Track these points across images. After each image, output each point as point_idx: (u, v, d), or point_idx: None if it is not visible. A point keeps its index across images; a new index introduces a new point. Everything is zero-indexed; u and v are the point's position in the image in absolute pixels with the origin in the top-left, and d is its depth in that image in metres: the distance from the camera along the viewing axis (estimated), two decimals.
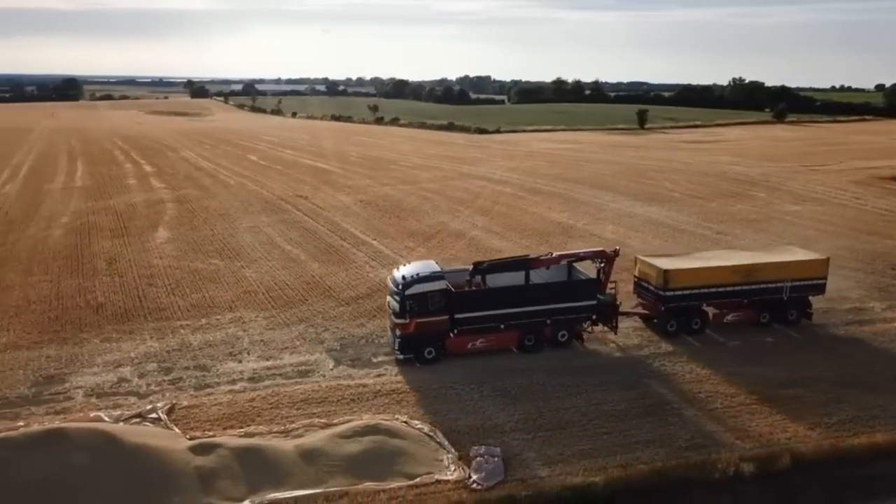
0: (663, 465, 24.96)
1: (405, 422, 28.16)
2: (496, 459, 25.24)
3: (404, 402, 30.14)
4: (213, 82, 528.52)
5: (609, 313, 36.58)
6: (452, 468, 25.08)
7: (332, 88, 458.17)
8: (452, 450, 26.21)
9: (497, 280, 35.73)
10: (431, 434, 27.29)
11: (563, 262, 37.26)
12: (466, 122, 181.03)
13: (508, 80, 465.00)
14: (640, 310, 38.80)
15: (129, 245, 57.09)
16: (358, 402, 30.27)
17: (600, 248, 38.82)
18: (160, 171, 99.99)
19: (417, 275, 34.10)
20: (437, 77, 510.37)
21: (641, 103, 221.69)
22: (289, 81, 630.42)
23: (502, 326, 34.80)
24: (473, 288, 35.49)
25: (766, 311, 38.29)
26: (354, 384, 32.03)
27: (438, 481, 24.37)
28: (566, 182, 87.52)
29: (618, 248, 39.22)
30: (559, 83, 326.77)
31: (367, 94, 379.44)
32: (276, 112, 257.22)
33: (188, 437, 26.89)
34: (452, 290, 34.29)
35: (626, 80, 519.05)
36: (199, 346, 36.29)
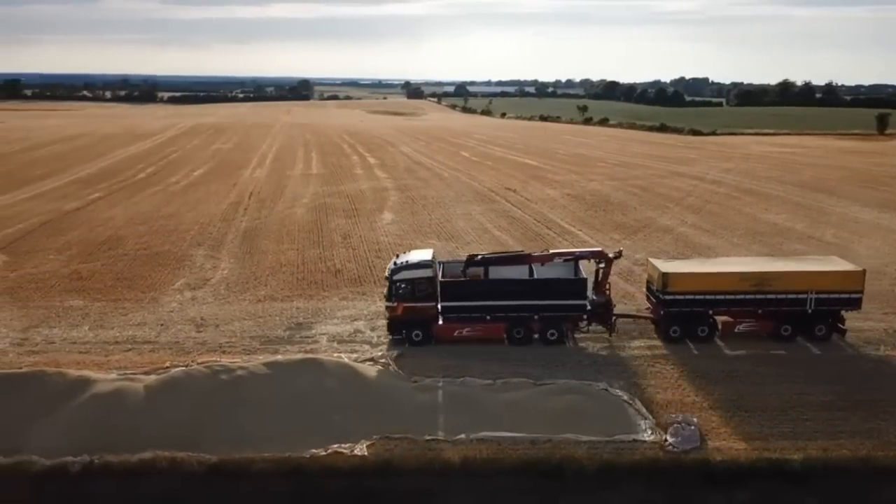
0: (868, 453, 24.76)
1: (605, 389, 30.13)
2: (693, 428, 26.52)
3: (604, 373, 32.05)
4: (427, 84, 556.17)
5: (603, 314, 35.76)
6: (649, 432, 26.74)
7: (542, 90, 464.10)
8: (650, 417, 27.82)
9: (500, 273, 36.06)
10: (630, 402, 29.04)
11: (559, 259, 36.61)
12: (679, 123, 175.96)
13: (728, 82, 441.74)
14: (645, 313, 37.62)
15: (360, 224, 64.01)
16: (562, 367, 32.71)
17: (599, 248, 38.05)
18: (383, 164, 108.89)
19: (407, 262, 35.93)
20: (650, 79, 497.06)
21: (884, 107, 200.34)
22: (499, 83, 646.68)
23: (488, 318, 35.19)
24: (466, 279, 35.99)
25: (789, 323, 35.26)
26: (557, 352, 34.55)
27: (635, 440, 26.20)
28: (785, 185, 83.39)
29: (621, 249, 38.24)
30: (785, 85, 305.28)
31: (575, 96, 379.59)
32: (486, 112, 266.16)
33: (413, 379, 30.99)
34: (439, 278, 35.45)
35: (866, 82, 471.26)
36: None
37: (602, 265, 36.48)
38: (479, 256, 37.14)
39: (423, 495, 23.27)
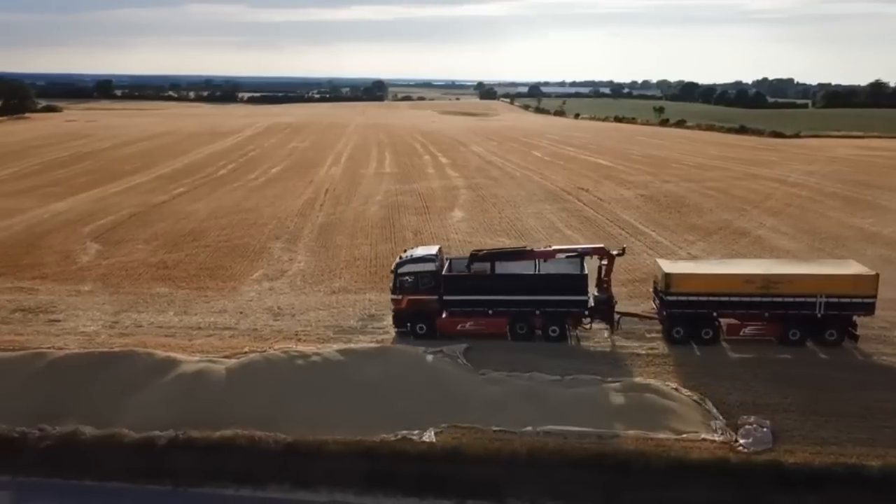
0: None
1: (675, 388, 29.84)
2: (765, 430, 26.01)
3: (675, 373, 31.75)
4: (500, 84, 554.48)
5: (605, 311, 35.52)
6: (719, 431, 26.37)
7: (617, 91, 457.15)
8: (720, 417, 27.43)
9: (506, 269, 36.23)
10: (700, 402, 28.68)
11: (560, 256, 36.67)
12: (760, 125, 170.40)
13: (814, 83, 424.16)
14: (649, 312, 37.02)
15: (430, 221, 64.93)
16: (631, 366, 32.63)
17: (600, 245, 37.86)
18: (454, 163, 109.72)
19: (411, 256, 36.74)
20: (731, 80, 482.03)
21: None
22: (573, 84, 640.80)
23: (490, 312, 35.43)
24: (468, 274, 36.36)
25: (797, 327, 34.06)
26: (627, 353, 34.42)
27: (704, 439, 25.91)
28: (873, 189, 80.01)
29: (624, 247, 38.80)
30: (877, 86, 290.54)
31: (652, 97, 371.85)
32: (559, 113, 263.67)
33: (480, 372, 31.44)
34: (441, 273, 35.99)
35: None
36: None
37: (604, 262, 36.57)
38: (483, 252, 37.69)
39: (489, 483, 23.63)
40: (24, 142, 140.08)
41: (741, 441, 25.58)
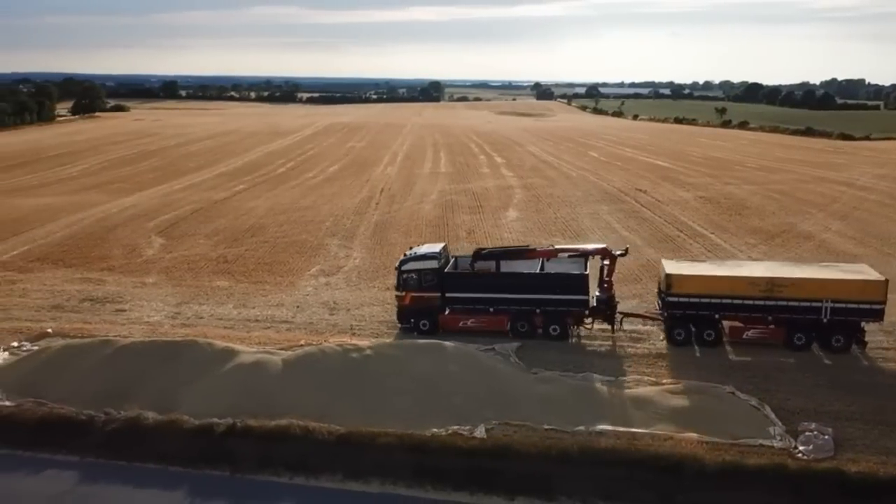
0: None
1: (732, 392, 29.18)
2: (827, 438, 25.21)
3: (732, 377, 30.98)
4: (557, 85, 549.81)
5: (605, 311, 35.31)
6: (778, 438, 25.68)
7: (677, 92, 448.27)
8: (780, 423, 26.69)
9: (511, 267, 36.47)
10: (758, 406, 27.98)
11: (563, 255, 36.70)
12: (828, 127, 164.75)
13: (887, 83, 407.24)
14: (652, 312, 36.35)
15: (484, 220, 64.94)
16: (684, 369, 32.01)
17: (602, 245, 37.26)
18: (509, 163, 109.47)
19: (414, 254, 37.24)
20: (797, 80, 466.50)
21: None
22: (632, 85, 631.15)
23: (491, 310, 35.52)
24: (468, 272, 36.80)
25: (802, 332, 33.16)
26: (682, 355, 33.78)
27: (762, 445, 25.26)
28: None
29: (627, 247, 39.71)
30: None
31: (714, 98, 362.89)
32: (618, 114, 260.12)
33: (532, 371, 31.34)
34: (444, 270, 36.38)
35: None
36: None
37: (607, 262, 36.29)
38: (486, 250, 37.96)
39: (540, 479, 23.54)
40: (94, 139, 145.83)
41: (801, 448, 24.86)
